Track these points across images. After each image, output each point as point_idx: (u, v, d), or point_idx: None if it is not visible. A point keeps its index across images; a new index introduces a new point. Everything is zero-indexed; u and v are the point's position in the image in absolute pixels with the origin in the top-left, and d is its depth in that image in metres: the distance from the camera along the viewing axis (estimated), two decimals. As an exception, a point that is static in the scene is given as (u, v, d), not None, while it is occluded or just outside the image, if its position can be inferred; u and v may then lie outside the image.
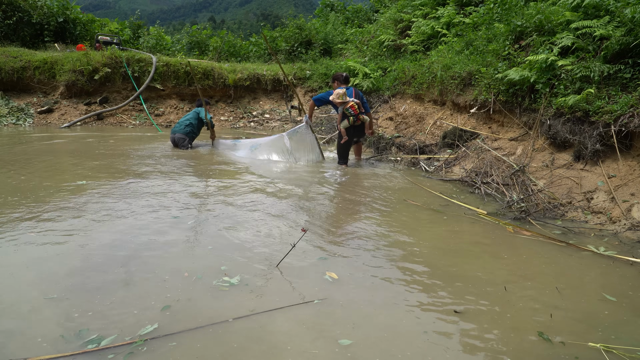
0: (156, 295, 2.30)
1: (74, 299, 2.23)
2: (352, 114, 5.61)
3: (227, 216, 3.59)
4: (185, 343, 1.93)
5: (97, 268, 2.57)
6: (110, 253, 2.79)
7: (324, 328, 2.08)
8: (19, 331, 1.96)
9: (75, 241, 2.95)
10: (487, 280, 2.63)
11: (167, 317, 2.11)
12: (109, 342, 1.89)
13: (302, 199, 4.23)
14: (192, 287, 2.40)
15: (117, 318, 2.08)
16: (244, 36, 15.51)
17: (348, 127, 5.70)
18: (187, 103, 10.44)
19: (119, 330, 1.99)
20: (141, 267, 2.60)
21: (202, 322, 2.07)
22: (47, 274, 2.48)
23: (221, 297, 2.32)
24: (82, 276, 2.46)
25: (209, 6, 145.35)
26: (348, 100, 5.59)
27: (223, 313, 2.16)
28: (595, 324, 2.19)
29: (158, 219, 3.45)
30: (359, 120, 5.69)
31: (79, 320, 2.05)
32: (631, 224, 3.50)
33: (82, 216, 3.41)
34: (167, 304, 2.21)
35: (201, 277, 2.51)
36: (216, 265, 2.68)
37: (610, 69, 4.32)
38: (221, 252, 2.87)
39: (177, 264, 2.66)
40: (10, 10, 10.76)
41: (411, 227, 3.61)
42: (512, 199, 4.31)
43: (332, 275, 2.61)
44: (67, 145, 6.92)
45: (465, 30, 7.41)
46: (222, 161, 6.05)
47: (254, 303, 2.26)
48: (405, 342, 2.00)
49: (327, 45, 12.40)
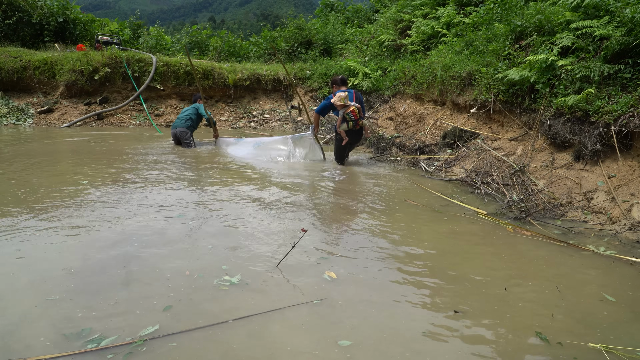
0: (158, 295, 2.30)
1: (75, 299, 2.23)
2: (352, 118, 5.61)
3: (227, 216, 3.59)
4: (185, 343, 1.93)
5: (97, 268, 2.57)
6: (111, 253, 2.78)
7: (323, 329, 2.08)
8: (20, 331, 1.96)
9: (77, 241, 2.95)
10: (487, 280, 2.63)
11: (168, 317, 2.11)
12: (109, 342, 1.89)
13: (302, 199, 4.23)
14: (192, 287, 2.40)
15: (119, 318, 2.08)
16: (244, 36, 15.51)
17: (347, 130, 5.70)
18: (187, 103, 10.43)
19: (120, 330, 1.98)
20: (142, 267, 2.60)
21: (201, 322, 2.07)
22: (48, 274, 2.48)
23: (221, 297, 2.32)
24: (82, 276, 2.46)
25: (209, 6, 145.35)
26: (349, 104, 5.56)
27: (221, 314, 2.16)
28: (596, 324, 2.19)
29: (158, 218, 3.44)
30: (358, 125, 5.70)
31: (80, 321, 2.05)
32: (631, 224, 3.50)
33: (82, 216, 3.41)
34: (168, 304, 2.21)
35: (202, 275, 2.51)
36: (216, 264, 2.68)
37: (610, 69, 4.32)
38: (221, 252, 2.87)
39: (177, 264, 2.66)
40: (10, 10, 10.76)
41: (411, 227, 3.61)
42: (512, 199, 4.31)
43: (331, 275, 2.61)
44: (68, 144, 6.91)
45: (465, 30, 7.41)
46: (223, 161, 6.04)
47: (253, 303, 2.26)
48: (404, 342, 2.00)
49: (327, 45, 12.39)
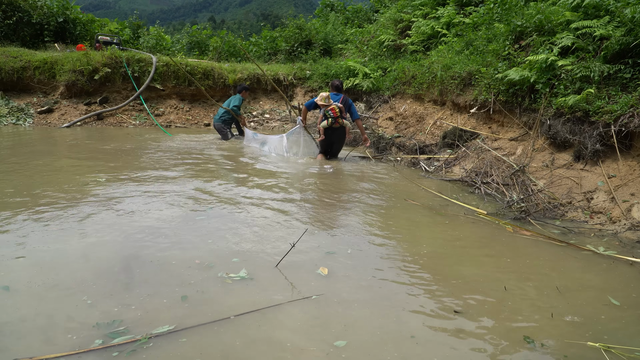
0: (158, 294, 2.30)
1: (87, 295, 2.24)
2: (331, 115, 6.03)
3: (228, 212, 3.60)
4: (191, 340, 1.93)
5: (105, 266, 2.58)
6: (117, 251, 2.79)
7: (321, 328, 2.08)
8: (40, 326, 1.97)
9: (78, 241, 2.95)
10: (487, 280, 2.63)
11: (167, 316, 2.11)
12: (117, 341, 1.90)
13: (302, 198, 4.23)
14: (193, 286, 2.40)
15: (130, 313, 2.09)
16: (244, 36, 15.51)
17: (327, 127, 6.11)
18: (187, 103, 10.44)
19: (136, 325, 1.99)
20: (141, 267, 2.61)
21: (202, 319, 2.08)
22: (73, 267, 2.48)
23: (220, 295, 2.32)
24: (95, 272, 2.47)
25: (209, 6, 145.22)
26: (330, 104, 6.04)
27: (223, 310, 2.17)
28: (595, 324, 2.19)
29: (160, 218, 3.45)
30: (338, 123, 6.08)
31: (94, 316, 2.05)
32: (631, 224, 3.50)
33: (93, 214, 3.42)
34: (171, 301, 2.21)
35: (212, 264, 2.52)
36: (217, 262, 2.68)
37: (610, 69, 4.32)
38: (220, 250, 2.88)
39: (177, 261, 2.66)
40: (10, 10, 10.76)
41: (411, 226, 3.61)
42: (512, 199, 4.31)
43: (323, 271, 2.64)
44: (71, 144, 6.91)
45: (465, 30, 7.41)
46: (229, 156, 6.27)
47: (253, 300, 2.27)
48: (403, 342, 2.00)
49: (327, 45, 12.39)
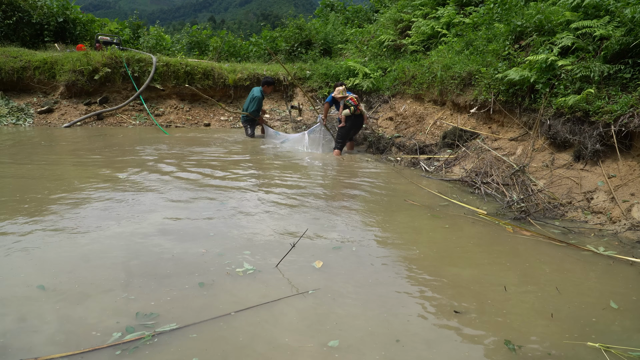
0: (157, 294, 2.30)
1: (99, 293, 2.24)
2: (352, 104, 6.66)
3: (228, 211, 3.60)
4: (190, 336, 1.93)
5: (116, 261, 2.58)
6: (123, 249, 2.80)
7: (320, 327, 2.08)
8: (61, 323, 1.98)
9: (80, 240, 2.96)
10: (487, 280, 2.63)
11: (168, 315, 2.11)
12: (117, 339, 1.91)
13: (302, 198, 4.23)
14: (192, 285, 2.40)
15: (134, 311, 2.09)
16: (244, 36, 15.50)
17: (349, 115, 6.66)
18: (187, 103, 10.44)
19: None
20: (142, 266, 2.61)
21: (199, 317, 2.08)
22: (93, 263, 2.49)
23: (219, 292, 2.33)
24: (105, 269, 2.47)
25: (209, 6, 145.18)
26: (347, 95, 6.75)
27: (221, 307, 2.18)
28: (595, 324, 2.19)
29: (162, 217, 3.45)
30: (359, 110, 6.73)
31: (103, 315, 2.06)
32: (631, 224, 3.50)
33: (112, 208, 3.42)
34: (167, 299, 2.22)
35: (213, 255, 2.52)
36: (217, 262, 2.68)
37: (610, 69, 4.32)
38: (219, 246, 2.88)
39: (176, 260, 2.67)
40: (10, 10, 10.75)
41: (410, 226, 3.61)
42: (512, 199, 4.31)
43: (317, 264, 2.72)
44: (75, 143, 6.92)
45: (465, 30, 7.40)
46: (239, 151, 6.54)
47: (253, 297, 2.27)
48: (401, 342, 2.00)
49: (327, 45, 12.38)
